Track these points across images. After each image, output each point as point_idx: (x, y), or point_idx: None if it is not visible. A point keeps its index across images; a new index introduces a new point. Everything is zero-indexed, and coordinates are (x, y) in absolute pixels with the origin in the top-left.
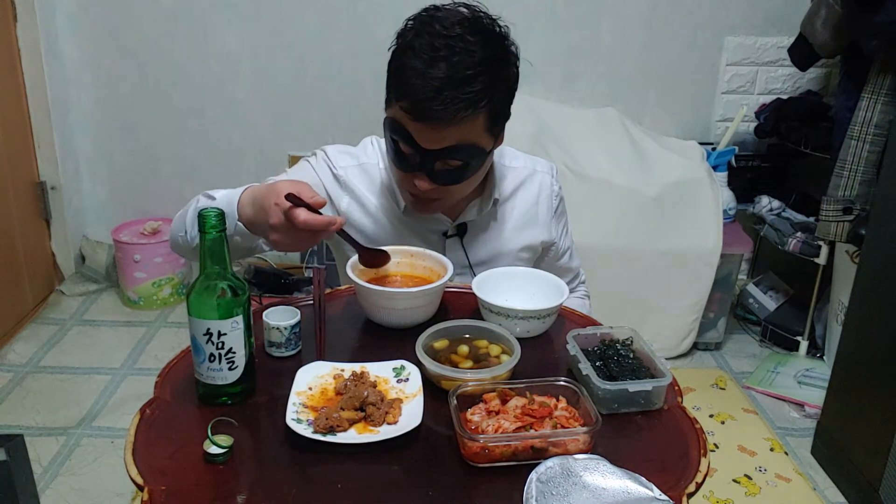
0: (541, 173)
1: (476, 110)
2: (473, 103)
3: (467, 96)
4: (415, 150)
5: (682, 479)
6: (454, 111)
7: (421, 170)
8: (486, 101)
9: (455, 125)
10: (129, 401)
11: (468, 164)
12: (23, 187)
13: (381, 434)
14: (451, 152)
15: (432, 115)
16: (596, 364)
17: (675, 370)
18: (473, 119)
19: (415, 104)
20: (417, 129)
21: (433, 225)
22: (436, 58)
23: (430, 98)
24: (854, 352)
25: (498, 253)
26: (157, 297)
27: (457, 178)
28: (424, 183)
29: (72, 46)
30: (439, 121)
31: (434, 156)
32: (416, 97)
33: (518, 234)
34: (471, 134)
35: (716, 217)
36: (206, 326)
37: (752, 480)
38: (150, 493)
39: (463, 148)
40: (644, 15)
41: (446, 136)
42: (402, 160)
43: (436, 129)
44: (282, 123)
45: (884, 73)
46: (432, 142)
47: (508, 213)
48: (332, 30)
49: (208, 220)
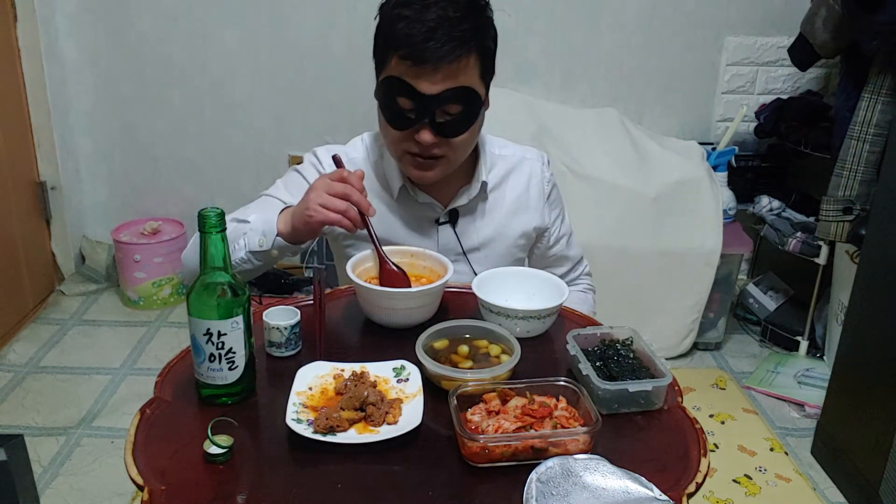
0: (530, 160)
1: (468, 49)
2: (465, 41)
3: (459, 34)
4: (415, 102)
5: (682, 479)
6: (450, 48)
7: (423, 120)
8: (475, 42)
9: (451, 66)
10: (129, 401)
11: (466, 113)
12: (23, 187)
13: (381, 434)
14: (450, 96)
15: (430, 54)
16: (596, 364)
17: (675, 370)
18: (467, 60)
19: (412, 47)
20: (416, 74)
21: (425, 212)
22: (426, 5)
23: (426, 38)
24: (854, 352)
25: (491, 239)
26: (157, 297)
27: (457, 127)
28: (427, 134)
29: (72, 46)
30: (439, 60)
31: (434, 102)
32: (413, 40)
33: (510, 220)
34: (466, 77)
35: (716, 217)
36: (206, 326)
37: (752, 480)
38: (150, 493)
39: (460, 92)
40: (644, 15)
41: (445, 77)
42: (402, 118)
43: (434, 70)
44: (282, 123)
45: (884, 73)
46: (432, 85)
47: (500, 200)
48: (332, 30)
49: (208, 220)
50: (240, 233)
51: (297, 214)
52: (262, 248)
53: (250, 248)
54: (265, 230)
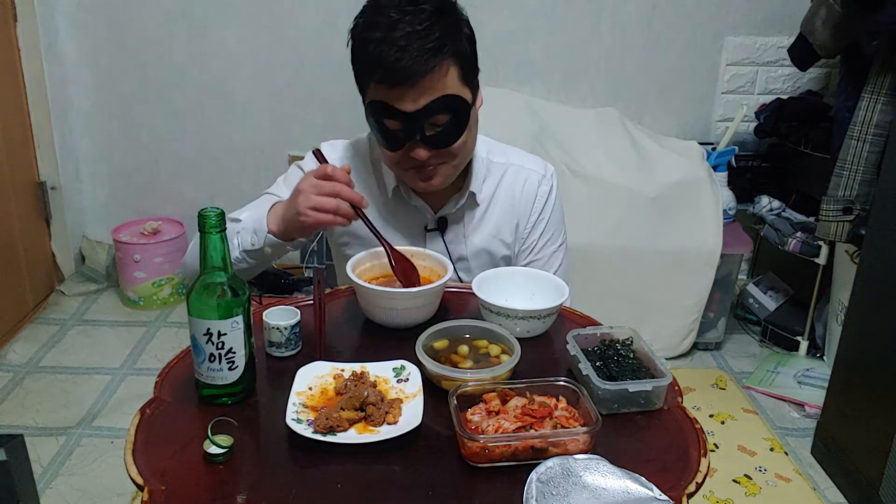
0: (528, 171)
1: (442, 57)
2: (438, 51)
3: (431, 45)
4: (401, 121)
5: (682, 479)
6: (423, 62)
7: (413, 138)
8: (449, 48)
9: (429, 78)
10: (129, 401)
11: (455, 121)
12: (23, 187)
13: (381, 434)
14: (434, 108)
15: (404, 73)
16: (596, 364)
17: (675, 370)
18: (444, 69)
19: (387, 69)
20: (397, 95)
21: (416, 218)
22: (391, 24)
23: (398, 58)
24: (854, 352)
25: (478, 251)
26: (157, 297)
27: (448, 137)
28: (421, 151)
29: (72, 46)
30: (414, 76)
31: (420, 118)
32: (386, 61)
33: (498, 232)
34: (445, 86)
35: (716, 217)
36: (206, 326)
37: (752, 480)
38: (150, 493)
39: (443, 101)
40: (644, 15)
41: (424, 92)
42: (392, 138)
43: (412, 87)
44: (282, 123)
45: (884, 73)
46: (413, 103)
47: (490, 210)
48: (332, 30)
49: (208, 220)
50: (233, 232)
51: (289, 218)
52: (255, 246)
53: (244, 248)
54: (256, 228)
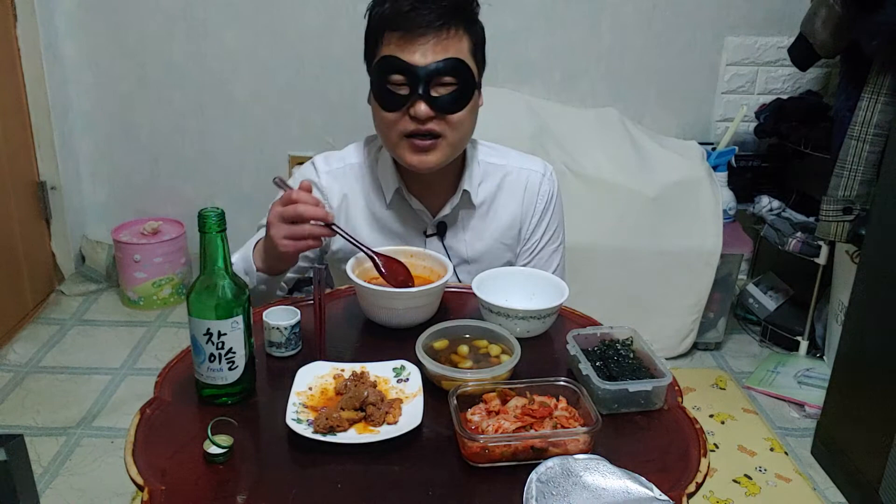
0: (529, 171)
1: (456, 20)
2: (452, 13)
3: (446, 4)
4: (408, 77)
5: (682, 479)
6: (437, 16)
7: (416, 93)
8: (462, 16)
9: (441, 36)
10: (129, 401)
11: (461, 90)
12: (23, 187)
13: (381, 434)
14: (443, 69)
15: (418, 21)
16: (596, 364)
17: (675, 370)
18: (458, 33)
19: (401, 17)
20: (407, 45)
21: (415, 223)
22: None
23: (415, 7)
24: (854, 352)
25: (480, 255)
26: (157, 297)
27: (451, 103)
28: (422, 105)
29: (72, 46)
30: (427, 26)
31: (428, 74)
32: (402, 10)
33: (502, 236)
34: (456, 50)
35: (716, 217)
36: (206, 326)
37: (752, 480)
38: (150, 493)
39: (454, 63)
40: (644, 15)
41: (435, 48)
42: (396, 98)
43: (424, 38)
44: (282, 123)
45: (884, 73)
46: (423, 57)
47: (492, 214)
48: (332, 30)
49: (208, 220)
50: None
51: (270, 254)
52: (251, 285)
53: None
54: (246, 269)
